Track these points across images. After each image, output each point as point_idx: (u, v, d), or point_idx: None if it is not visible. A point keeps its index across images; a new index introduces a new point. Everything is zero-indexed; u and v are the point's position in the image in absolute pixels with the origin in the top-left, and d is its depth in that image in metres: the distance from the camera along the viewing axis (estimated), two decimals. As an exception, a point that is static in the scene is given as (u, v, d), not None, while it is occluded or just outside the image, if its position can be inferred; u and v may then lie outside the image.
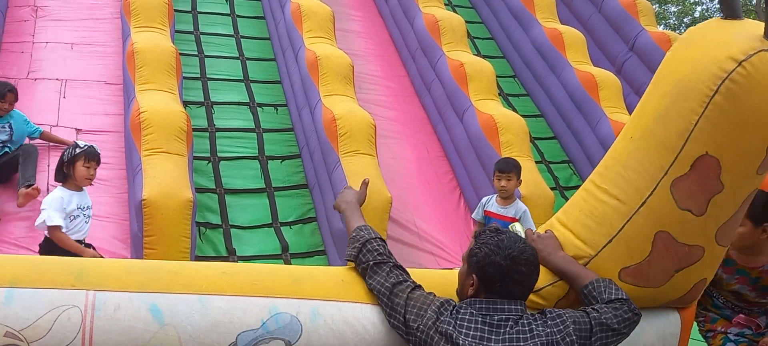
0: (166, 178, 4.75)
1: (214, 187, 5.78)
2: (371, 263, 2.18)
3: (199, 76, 6.80)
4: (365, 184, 2.56)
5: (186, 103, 6.09)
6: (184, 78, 6.42)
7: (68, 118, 5.88)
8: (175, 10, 7.02)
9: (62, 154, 4.27)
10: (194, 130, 5.72)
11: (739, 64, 2.01)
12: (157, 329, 1.94)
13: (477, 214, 5.04)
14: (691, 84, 2.10)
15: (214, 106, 6.52)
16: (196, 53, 7.06)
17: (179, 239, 4.68)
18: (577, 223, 2.36)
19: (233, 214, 5.64)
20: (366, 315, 2.14)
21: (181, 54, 6.17)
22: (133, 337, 1.92)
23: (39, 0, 7.09)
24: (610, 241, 2.26)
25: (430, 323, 1.99)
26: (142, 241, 4.64)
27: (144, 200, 4.58)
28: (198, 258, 5.07)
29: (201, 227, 5.35)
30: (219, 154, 6.07)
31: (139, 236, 4.67)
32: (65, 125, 5.81)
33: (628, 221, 2.22)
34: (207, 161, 5.96)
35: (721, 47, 2.06)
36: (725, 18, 2.17)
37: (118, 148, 5.75)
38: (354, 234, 2.28)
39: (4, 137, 5.22)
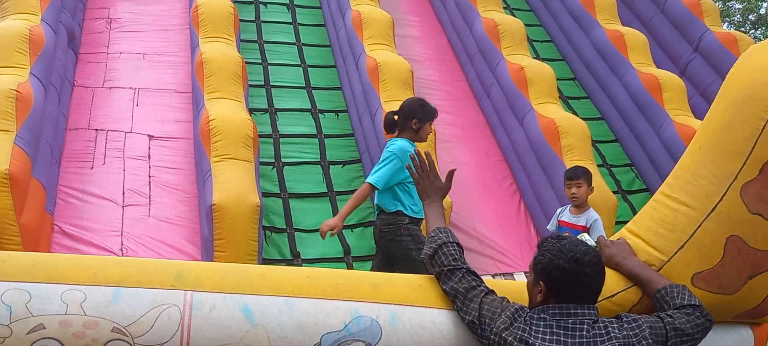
0: (235, 183, 4.92)
1: (279, 191, 5.94)
2: (445, 268, 2.26)
3: (263, 83, 6.99)
4: (450, 174, 2.60)
5: (251, 111, 6.28)
6: (250, 86, 6.61)
7: (141, 125, 6.15)
8: (241, 20, 7.23)
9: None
10: (260, 136, 5.90)
11: None
12: (249, 328, 2.06)
13: (551, 225, 5.01)
14: (757, 92, 2.19)
15: (277, 112, 6.70)
16: (260, 62, 7.26)
17: (247, 243, 4.84)
18: (648, 231, 2.39)
19: (297, 217, 5.79)
20: (442, 320, 2.22)
21: (246, 62, 6.36)
22: (227, 335, 2.05)
23: (112, 12, 7.42)
24: (682, 246, 2.29)
25: (502, 326, 2.05)
26: (212, 244, 4.82)
27: (214, 204, 4.76)
28: (265, 261, 5.24)
29: (267, 231, 5.52)
30: (283, 160, 6.24)
31: (210, 240, 4.84)
32: (139, 132, 6.07)
33: (700, 226, 2.26)
34: (272, 166, 6.13)
35: None
36: None
37: (188, 153, 5.98)
38: (433, 234, 2.36)
39: None
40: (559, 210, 5.04)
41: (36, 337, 2.00)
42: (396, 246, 4.22)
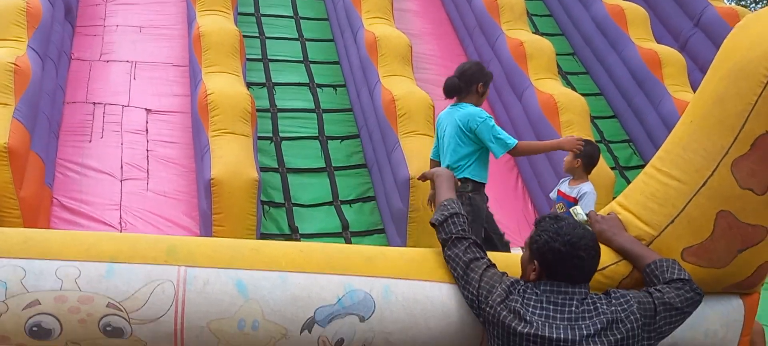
0: (233, 158, 4.93)
1: (277, 166, 5.95)
2: (453, 235, 2.28)
3: (260, 57, 6.96)
4: None
5: (249, 85, 6.27)
6: (247, 59, 6.59)
7: (138, 98, 6.14)
8: (238, -7, 7.19)
9: None
10: (257, 110, 5.89)
11: None
12: (243, 302, 2.08)
13: (552, 193, 5.03)
14: (750, 66, 2.15)
15: (275, 87, 6.68)
16: (257, 35, 7.22)
17: (246, 217, 4.87)
18: (638, 205, 2.40)
19: (295, 192, 5.80)
20: (434, 293, 2.24)
21: (243, 36, 6.33)
22: (221, 310, 2.07)
23: (109, -15, 7.37)
24: (673, 221, 2.29)
25: (498, 299, 2.08)
26: (210, 218, 4.84)
27: (212, 179, 4.77)
28: (263, 235, 5.26)
29: (265, 205, 5.53)
30: (281, 134, 6.24)
31: (208, 214, 4.87)
32: (136, 105, 6.07)
33: (690, 200, 2.26)
34: (270, 141, 6.13)
35: None
36: None
37: (186, 127, 5.98)
38: (445, 203, 2.39)
39: None
40: (561, 180, 5.06)
41: (32, 312, 2.02)
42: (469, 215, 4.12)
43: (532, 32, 7.39)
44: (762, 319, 2.99)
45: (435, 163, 4.44)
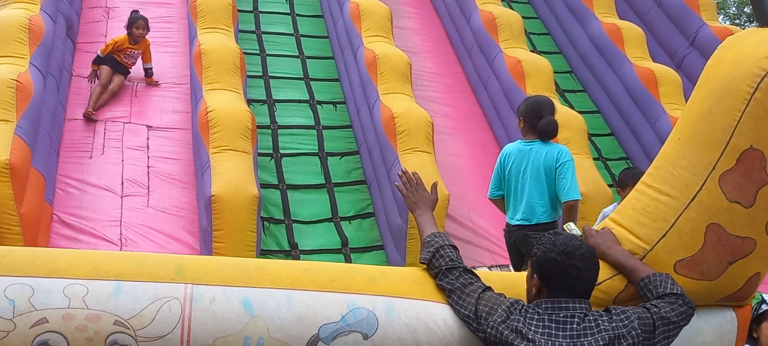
0: (234, 175, 4.96)
1: (277, 182, 5.98)
2: (443, 267, 2.31)
3: (261, 74, 7.01)
4: (434, 186, 2.67)
5: (249, 102, 6.31)
6: (248, 76, 6.63)
7: (140, 115, 6.18)
8: (238, 10, 7.24)
9: None
10: (258, 127, 5.93)
11: None
12: (248, 320, 2.11)
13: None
14: (733, 83, 2.27)
15: (275, 103, 6.73)
16: (258, 52, 7.28)
17: (246, 234, 4.89)
18: (631, 220, 2.47)
19: (295, 209, 5.83)
20: (437, 312, 2.27)
21: (244, 53, 6.38)
22: (227, 328, 2.09)
23: (110, 1, 7.42)
24: (664, 235, 2.37)
25: (499, 320, 2.11)
26: (211, 235, 4.86)
27: (213, 196, 4.80)
28: (263, 252, 5.28)
29: (265, 222, 5.56)
30: (281, 151, 6.27)
31: (208, 230, 4.89)
32: (136, 122, 6.11)
33: (680, 215, 2.34)
34: (270, 157, 6.17)
35: (758, 48, 2.27)
36: (761, 26, 2.42)
37: (186, 144, 6.01)
38: (428, 239, 2.42)
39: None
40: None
41: (39, 331, 2.04)
42: None
43: (530, 50, 7.46)
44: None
45: (500, 201, 4.43)
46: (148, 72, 6.54)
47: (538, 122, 4.26)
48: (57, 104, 5.73)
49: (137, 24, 6.37)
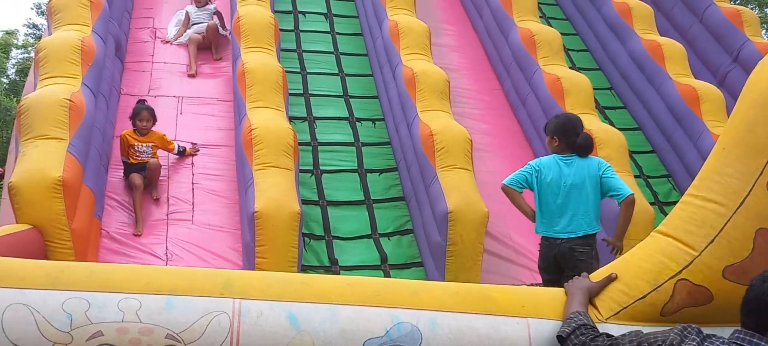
0: (276, 191, 5.06)
1: (317, 199, 6.07)
2: (588, 339, 2.21)
3: (302, 92, 7.14)
4: (611, 279, 2.52)
5: (291, 119, 6.42)
6: (289, 94, 6.76)
7: (185, 133, 6.35)
8: (280, 30, 7.39)
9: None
10: (299, 144, 6.03)
11: None
12: (295, 334, 2.17)
13: None
14: None
15: (316, 120, 6.84)
16: (299, 70, 7.41)
17: (288, 249, 4.96)
18: (677, 229, 2.50)
19: (335, 225, 5.90)
20: (480, 325, 2.30)
21: (286, 72, 6.51)
22: (274, 342, 2.16)
23: (157, 22, 7.65)
24: (712, 241, 2.39)
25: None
26: (253, 250, 4.96)
27: (256, 212, 4.89)
28: (304, 267, 5.36)
29: (306, 238, 5.64)
30: (321, 167, 6.37)
31: (251, 246, 4.98)
32: (182, 139, 6.27)
33: (728, 221, 2.36)
34: (310, 174, 6.27)
35: None
36: None
37: (230, 161, 6.15)
38: (572, 315, 2.33)
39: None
40: None
41: (95, 343, 2.13)
42: (584, 266, 4.12)
43: (569, 67, 7.44)
44: None
45: (516, 193, 4.53)
46: (181, 151, 6.00)
47: (576, 139, 4.35)
48: (107, 122, 5.93)
49: (140, 116, 5.76)
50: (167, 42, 7.39)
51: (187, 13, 7.55)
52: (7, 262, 2.31)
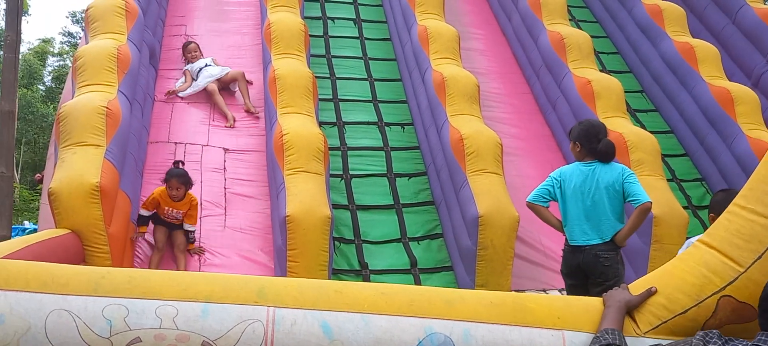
0: (307, 196, 5.11)
1: (347, 203, 6.11)
2: None
3: (331, 97, 7.20)
4: (651, 293, 2.43)
5: (320, 124, 6.48)
6: (319, 99, 6.82)
7: (217, 138, 6.44)
8: (310, 36, 7.46)
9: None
10: (329, 149, 6.08)
11: None
12: (328, 344, 2.19)
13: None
14: None
15: (345, 125, 6.89)
16: (328, 76, 7.47)
17: (319, 253, 5.02)
18: (723, 242, 2.39)
19: (365, 229, 5.94)
20: (514, 337, 2.29)
21: (316, 77, 6.56)
22: (308, 350, 2.19)
23: (189, 29, 7.77)
24: (760, 257, 2.29)
25: None
26: (285, 254, 5.02)
27: (288, 216, 4.95)
28: (334, 272, 5.41)
29: (336, 242, 5.69)
30: (351, 172, 6.42)
31: (283, 250, 5.05)
32: (214, 145, 6.36)
33: None
34: (340, 178, 6.31)
35: None
36: None
37: (261, 166, 6.23)
38: (600, 333, 2.28)
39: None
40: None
41: (134, 349, 2.18)
42: (611, 272, 4.17)
43: (600, 70, 7.37)
44: None
45: (542, 209, 4.47)
46: (190, 237, 5.37)
47: (597, 145, 4.36)
48: (142, 129, 6.05)
49: (170, 184, 5.24)
50: (173, 92, 6.83)
51: (186, 71, 7.06)
52: (51, 268, 2.37)
